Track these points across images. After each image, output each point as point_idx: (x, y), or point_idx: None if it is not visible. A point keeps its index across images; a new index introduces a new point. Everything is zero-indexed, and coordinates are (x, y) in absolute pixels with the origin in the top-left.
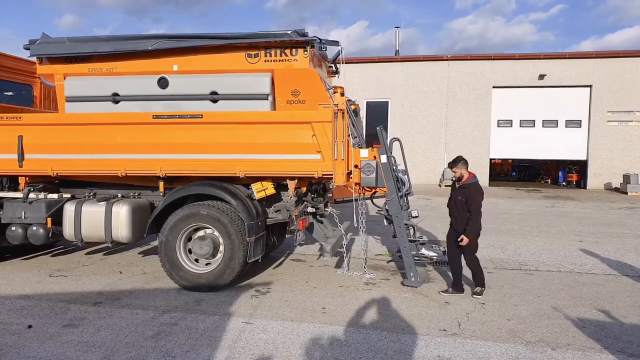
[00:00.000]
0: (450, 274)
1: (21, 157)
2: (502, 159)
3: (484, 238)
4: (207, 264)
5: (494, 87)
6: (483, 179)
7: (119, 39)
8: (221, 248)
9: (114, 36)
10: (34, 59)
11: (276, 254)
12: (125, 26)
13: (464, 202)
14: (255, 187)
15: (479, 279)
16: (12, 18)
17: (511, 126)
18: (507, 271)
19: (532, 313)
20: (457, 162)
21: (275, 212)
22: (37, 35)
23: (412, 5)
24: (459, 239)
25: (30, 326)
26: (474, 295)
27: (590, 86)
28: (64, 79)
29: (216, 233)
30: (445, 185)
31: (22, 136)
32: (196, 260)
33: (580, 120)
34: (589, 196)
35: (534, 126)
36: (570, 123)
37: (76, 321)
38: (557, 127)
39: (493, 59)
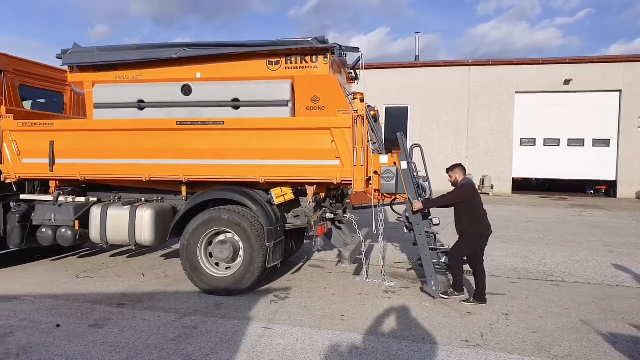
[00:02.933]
0: (473, 283)
1: (52, 162)
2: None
3: (506, 247)
4: (227, 268)
5: (516, 92)
6: (506, 185)
7: (145, 48)
8: (241, 252)
9: (140, 45)
10: (65, 67)
11: (294, 259)
12: (153, 35)
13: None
14: (275, 192)
15: (455, 282)
16: (46, 29)
17: (534, 145)
18: (532, 282)
19: (560, 326)
20: (454, 167)
21: (294, 217)
22: (71, 46)
23: (434, 11)
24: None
25: (58, 325)
26: (442, 296)
27: (620, 91)
28: (93, 86)
29: (236, 237)
30: None
31: (53, 141)
32: (216, 264)
33: (609, 140)
34: (619, 205)
35: (559, 145)
36: (598, 142)
37: (101, 322)
38: (583, 146)
39: (516, 64)
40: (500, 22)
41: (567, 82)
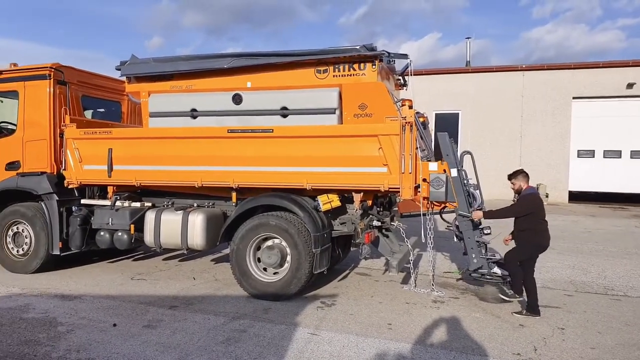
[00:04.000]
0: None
1: (110, 168)
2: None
3: (562, 258)
4: (274, 273)
5: (573, 98)
6: (562, 195)
7: (198, 58)
8: (288, 258)
9: (193, 55)
10: (123, 78)
11: (341, 266)
12: (205, 45)
13: None
14: (322, 199)
15: (514, 284)
16: (108, 40)
17: (593, 157)
18: (590, 295)
19: (620, 343)
20: (517, 174)
21: (341, 224)
22: (128, 56)
23: (486, 16)
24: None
25: (115, 325)
26: (503, 297)
27: None
28: (149, 96)
29: (284, 243)
30: None
31: (111, 149)
32: (264, 269)
33: None
34: None
35: (621, 157)
36: None
37: (154, 323)
38: None
39: (573, 68)
40: (556, 25)
41: (630, 85)
